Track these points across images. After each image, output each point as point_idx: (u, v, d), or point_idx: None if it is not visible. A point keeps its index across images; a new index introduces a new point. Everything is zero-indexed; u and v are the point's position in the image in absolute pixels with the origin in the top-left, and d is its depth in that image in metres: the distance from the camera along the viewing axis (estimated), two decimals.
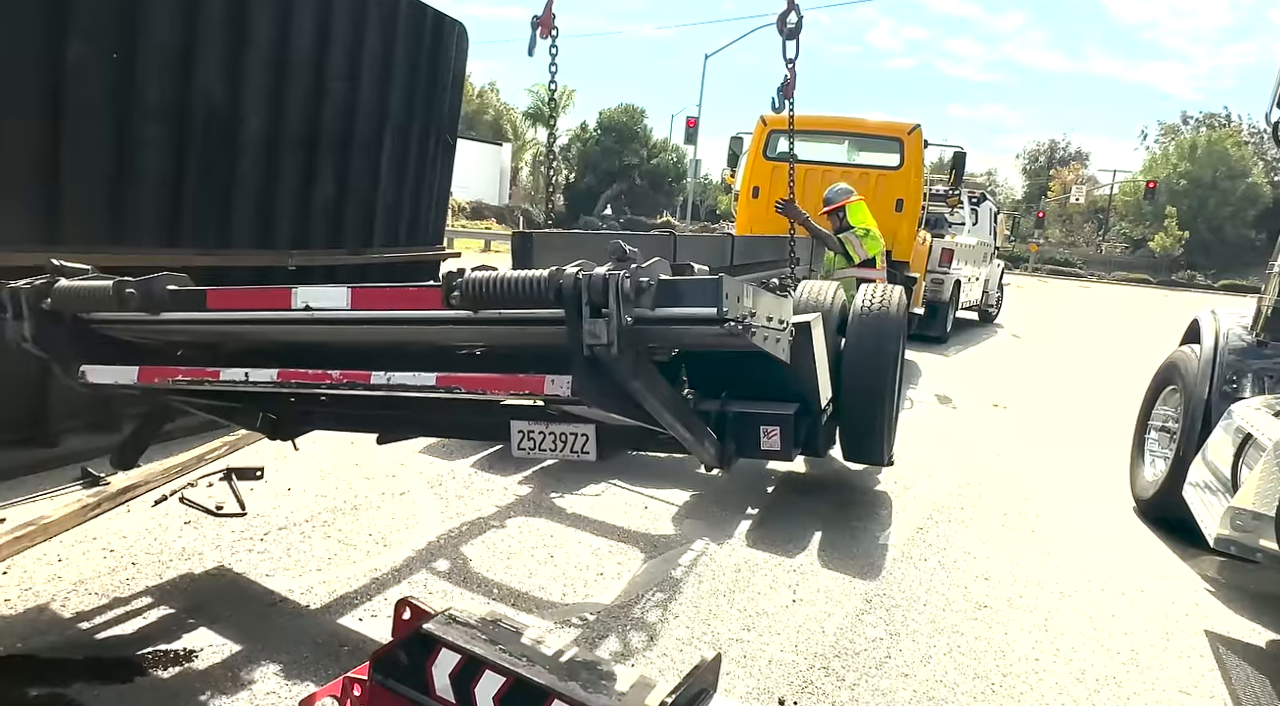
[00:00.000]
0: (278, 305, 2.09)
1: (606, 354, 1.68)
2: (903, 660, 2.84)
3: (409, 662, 2.16)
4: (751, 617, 3.06)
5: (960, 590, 3.47)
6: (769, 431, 2.52)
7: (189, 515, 3.44)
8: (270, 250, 4.83)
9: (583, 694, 1.92)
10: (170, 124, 4.09)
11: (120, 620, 2.60)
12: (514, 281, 1.76)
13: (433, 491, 4.03)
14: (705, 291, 1.68)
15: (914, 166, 9.03)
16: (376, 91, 5.40)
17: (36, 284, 2.22)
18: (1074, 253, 52.69)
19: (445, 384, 1.98)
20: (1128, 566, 3.92)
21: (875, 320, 4.18)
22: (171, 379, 2.25)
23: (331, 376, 2.09)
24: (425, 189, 6.18)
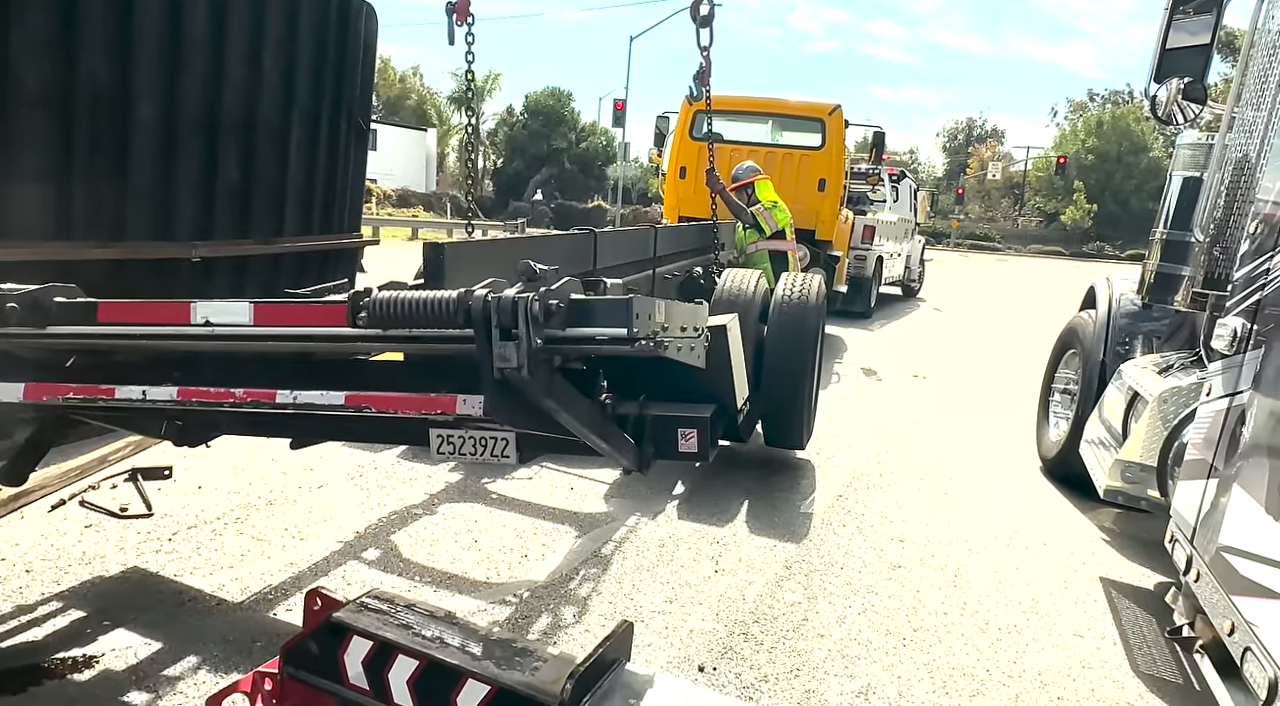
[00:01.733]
0: (175, 319, 2.01)
1: (516, 376, 1.68)
2: (819, 622, 2.93)
3: (320, 652, 2.13)
4: (674, 589, 3.11)
5: (876, 552, 3.59)
6: (686, 434, 2.54)
7: (90, 519, 3.30)
8: (171, 241, 4.62)
9: (495, 671, 1.93)
10: (51, 110, 3.86)
11: (14, 630, 2.48)
12: (422, 302, 1.74)
13: (353, 483, 3.96)
14: (616, 311, 1.68)
15: (835, 146, 9.20)
16: (280, 73, 5.20)
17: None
18: (993, 227, 54.61)
19: (355, 403, 1.94)
20: (1032, 522, 4.12)
21: (796, 309, 4.27)
22: (62, 397, 2.14)
23: (235, 395, 2.02)
24: (339, 173, 5.98)
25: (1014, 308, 16.18)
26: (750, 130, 10.16)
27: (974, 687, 2.57)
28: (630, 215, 38.62)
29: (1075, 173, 48.56)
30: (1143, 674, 2.74)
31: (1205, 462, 2.36)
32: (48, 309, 2.06)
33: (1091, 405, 4.36)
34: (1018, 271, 29.99)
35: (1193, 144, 3.83)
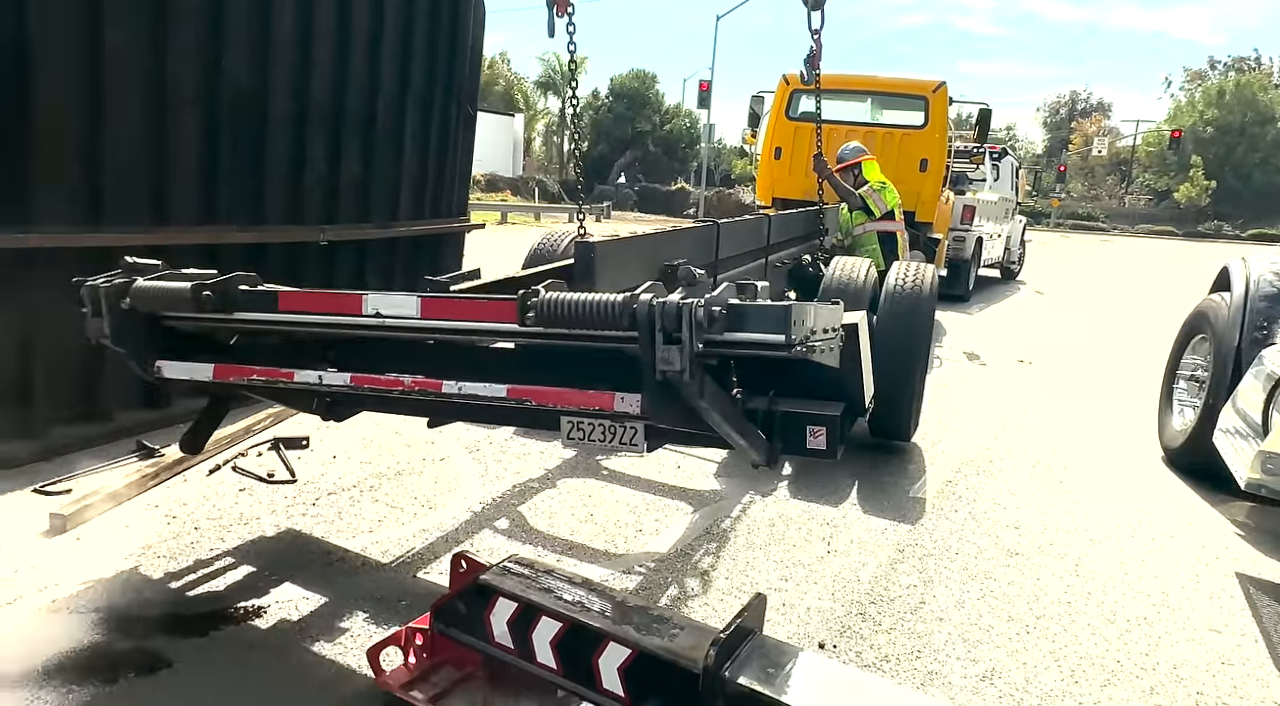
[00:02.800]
0: (348, 310, 2.17)
1: (678, 378, 1.74)
2: (937, 605, 2.92)
3: (468, 612, 2.27)
4: (788, 568, 3.16)
5: (991, 539, 3.54)
6: (815, 431, 2.55)
7: (242, 483, 3.57)
8: (301, 226, 4.91)
9: (635, 635, 2.03)
10: (202, 106, 4.15)
11: (191, 582, 2.73)
12: (589, 304, 1.84)
13: (471, 456, 4.15)
14: (774, 318, 1.74)
15: (939, 125, 8.92)
16: (397, 65, 5.43)
17: (115, 283, 2.29)
18: (1097, 206, 51.75)
19: (516, 396, 2.06)
20: (1157, 513, 3.97)
21: (908, 299, 4.20)
22: (246, 378, 2.34)
23: (404, 383, 2.17)
24: (448, 161, 6.22)
25: (1122, 291, 15.38)
26: (848, 109, 9.94)
27: (1104, 678, 2.52)
28: (714, 197, 38.38)
29: (1191, 147, 45.42)
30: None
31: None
32: (234, 296, 2.24)
33: (1225, 393, 4.15)
34: (1125, 252, 28.41)
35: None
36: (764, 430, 2.68)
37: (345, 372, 2.24)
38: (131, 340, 2.35)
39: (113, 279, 2.32)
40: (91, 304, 2.31)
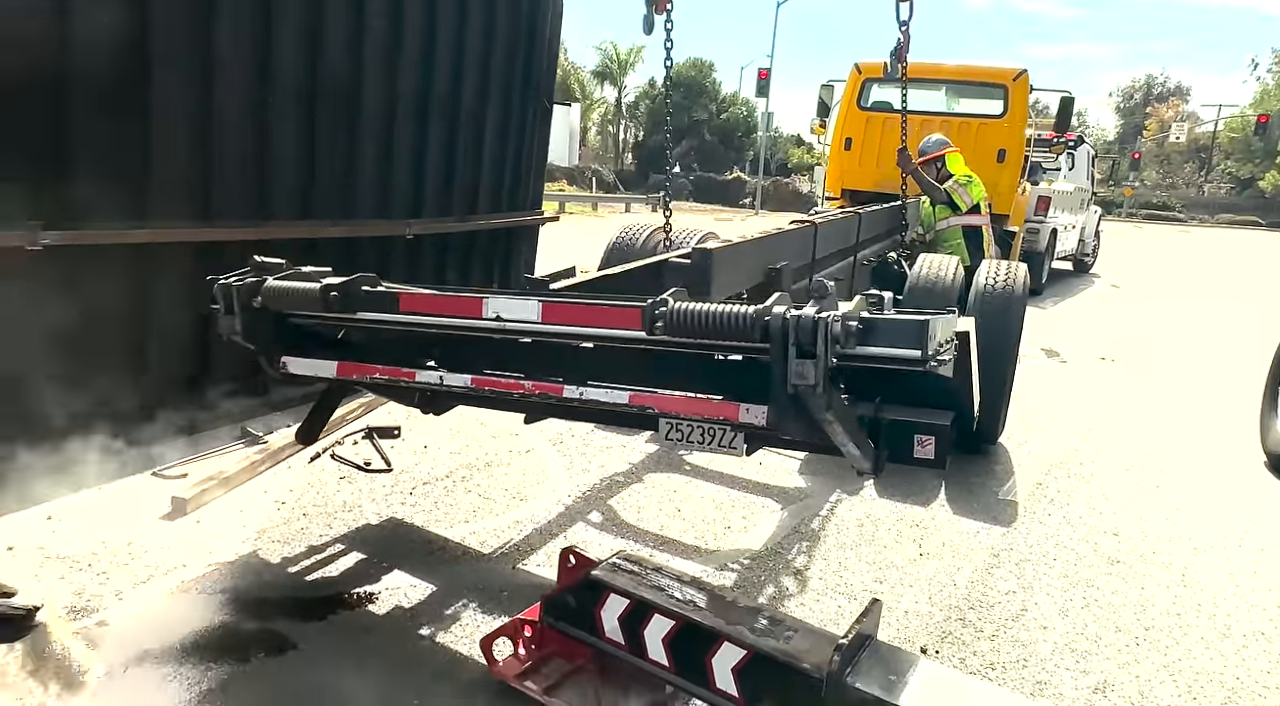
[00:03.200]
0: (468, 313, 2.20)
1: (809, 392, 1.73)
2: (1039, 613, 2.87)
3: (578, 606, 2.32)
4: (881, 570, 3.13)
5: (1089, 545, 3.45)
6: (923, 440, 2.49)
7: (342, 471, 3.69)
8: (389, 220, 5.02)
9: (751, 637, 2.04)
10: (302, 101, 4.27)
11: (307, 567, 2.84)
12: (720, 315, 1.83)
13: (556, 449, 4.21)
14: (909, 332, 1.72)
15: (1019, 114, 8.67)
16: (480, 58, 5.49)
17: (247, 282, 2.37)
18: (1173, 195, 49.59)
19: (638, 403, 2.07)
20: (1265, 522, 3.82)
21: (1000, 300, 4.09)
22: (369, 376, 2.41)
23: (525, 386, 2.20)
24: (525, 154, 6.28)
25: (1204, 285, 14.73)
26: (923, 98, 9.72)
27: (1225, 696, 2.45)
28: (770, 187, 37.96)
29: (1279, 132, 43.08)
30: None
31: None
32: (358, 297, 2.31)
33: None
34: (1205, 244, 27.20)
35: None
36: (870, 437, 2.65)
37: (465, 374, 2.29)
38: (260, 337, 2.44)
39: (244, 278, 2.41)
40: (224, 302, 2.40)
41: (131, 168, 3.55)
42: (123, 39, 3.43)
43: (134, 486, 3.35)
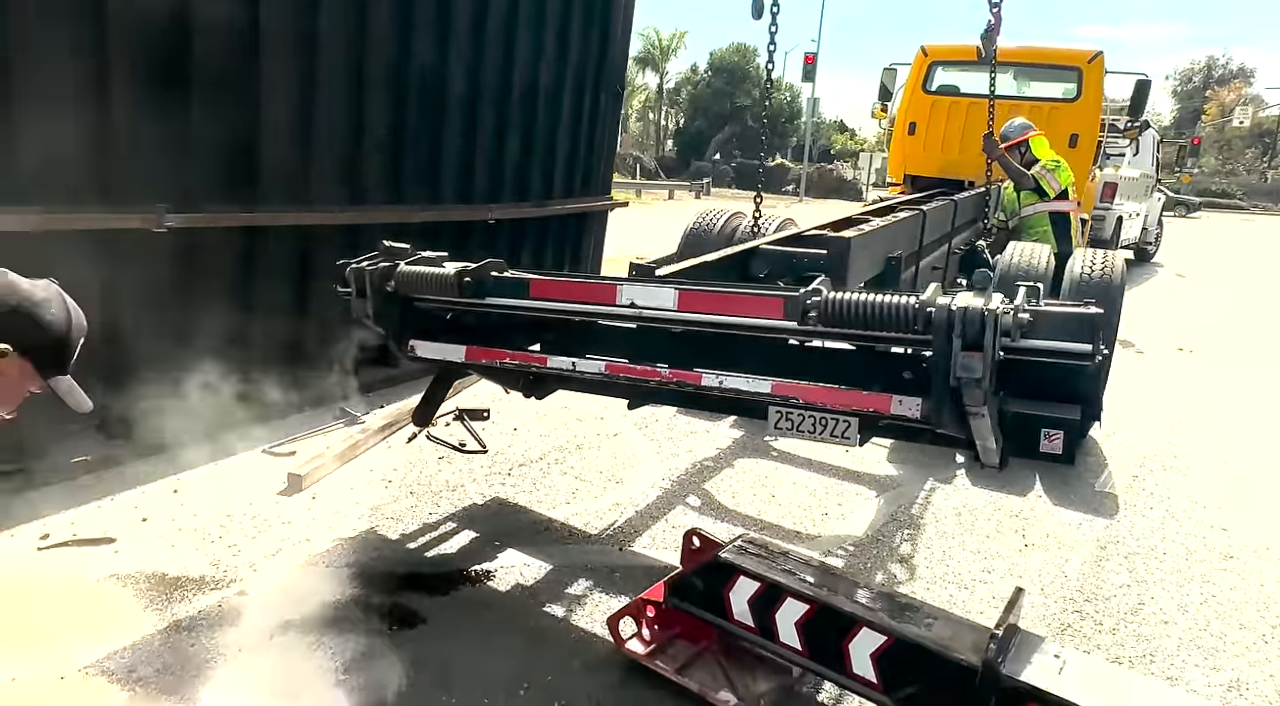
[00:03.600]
0: (601, 299, 2.20)
1: (972, 385, 1.70)
2: (1158, 608, 2.82)
3: (705, 588, 2.34)
4: (988, 560, 3.10)
5: (1198, 540, 3.38)
6: (1051, 435, 2.44)
7: (439, 451, 3.76)
8: (469, 205, 5.07)
9: (891, 622, 2.03)
10: (391, 90, 4.33)
11: (424, 544, 2.91)
12: (879, 306, 1.80)
13: (642, 433, 4.23)
14: (1080, 326, 1.68)
15: (1093, 98, 8.41)
16: (557, 45, 5.50)
17: (380, 267, 2.41)
18: (1233, 182, 47.88)
19: (781, 393, 2.05)
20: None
21: (1098, 289, 3.98)
22: (499, 361, 2.44)
23: (661, 374, 2.20)
24: (597, 140, 6.29)
25: (1270, 275, 14.24)
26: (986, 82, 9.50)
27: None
28: (815, 174, 37.49)
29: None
30: None
31: None
32: (488, 282, 2.33)
33: None
34: (1269, 233, 26.24)
35: None
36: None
37: (599, 361, 2.30)
38: (390, 320, 2.48)
39: (376, 262, 2.45)
40: (357, 285, 2.44)
41: (243, 155, 3.64)
42: (235, 29, 3.51)
43: (246, 462, 3.45)
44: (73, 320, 1.45)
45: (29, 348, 1.37)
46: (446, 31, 4.57)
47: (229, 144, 3.53)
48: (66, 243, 2.84)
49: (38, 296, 1.39)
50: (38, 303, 1.39)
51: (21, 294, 1.37)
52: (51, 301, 1.41)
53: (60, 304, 1.43)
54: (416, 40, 4.39)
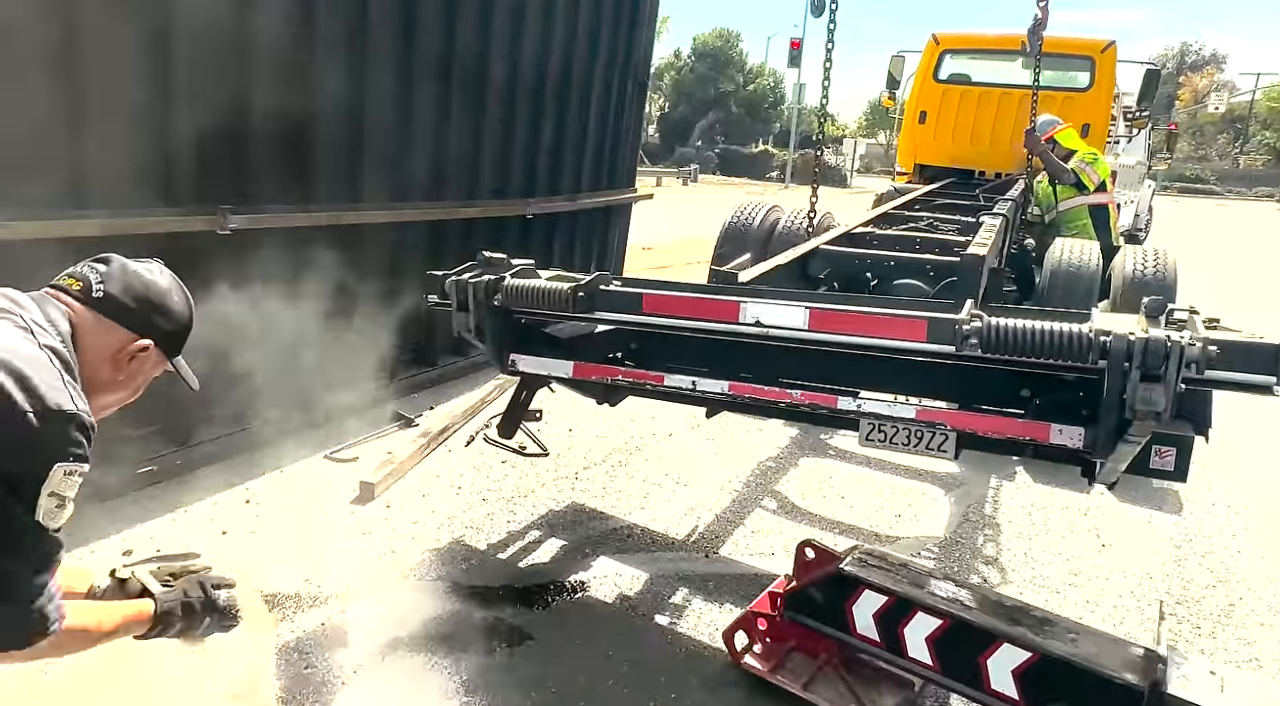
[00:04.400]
0: (723, 317, 2.11)
1: (1150, 418, 1.63)
2: (1250, 609, 2.83)
3: (825, 601, 2.29)
4: (1070, 562, 3.10)
5: (1268, 535, 3.40)
6: (1163, 451, 2.40)
7: (500, 455, 3.68)
8: (505, 200, 4.95)
9: (1035, 639, 2.00)
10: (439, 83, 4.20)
11: (514, 554, 2.84)
12: (1048, 334, 1.74)
13: (695, 432, 4.18)
14: (1266, 358, 1.64)
15: (1105, 88, 8.43)
16: (590, 36, 5.39)
17: (486, 280, 2.30)
18: (1206, 167, 48.63)
19: (926, 418, 1.99)
20: None
21: (1154, 287, 3.97)
22: (610, 378, 2.36)
23: (792, 396, 2.13)
24: (624, 131, 6.19)
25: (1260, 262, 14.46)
26: (1000, 70, 9.49)
27: None
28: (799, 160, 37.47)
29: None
30: None
31: None
32: (600, 296, 2.24)
33: None
34: (1246, 219, 26.68)
35: None
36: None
37: (722, 380, 2.23)
38: (493, 335, 2.39)
39: (479, 274, 2.35)
40: (459, 299, 2.34)
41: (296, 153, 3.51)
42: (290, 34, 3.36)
43: (310, 469, 3.35)
44: (190, 303, 1.42)
45: (161, 336, 1.35)
46: (488, 23, 4.44)
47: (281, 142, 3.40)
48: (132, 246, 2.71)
49: (163, 284, 1.37)
50: (165, 291, 1.36)
51: (149, 285, 1.35)
52: (173, 289, 1.39)
53: (178, 289, 1.40)
54: (460, 31, 4.26)
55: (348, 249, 3.94)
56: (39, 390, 1.11)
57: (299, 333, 3.70)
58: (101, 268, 1.33)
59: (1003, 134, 8.59)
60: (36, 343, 1.17)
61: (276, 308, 3.53)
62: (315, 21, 3.41)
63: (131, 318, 1.31)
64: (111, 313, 1.30)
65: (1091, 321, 1.77)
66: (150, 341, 1.33)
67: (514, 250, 5.02)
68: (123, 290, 1.31)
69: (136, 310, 1.32)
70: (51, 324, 1.23)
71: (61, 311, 1.26)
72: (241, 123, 3.18)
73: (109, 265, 1.33)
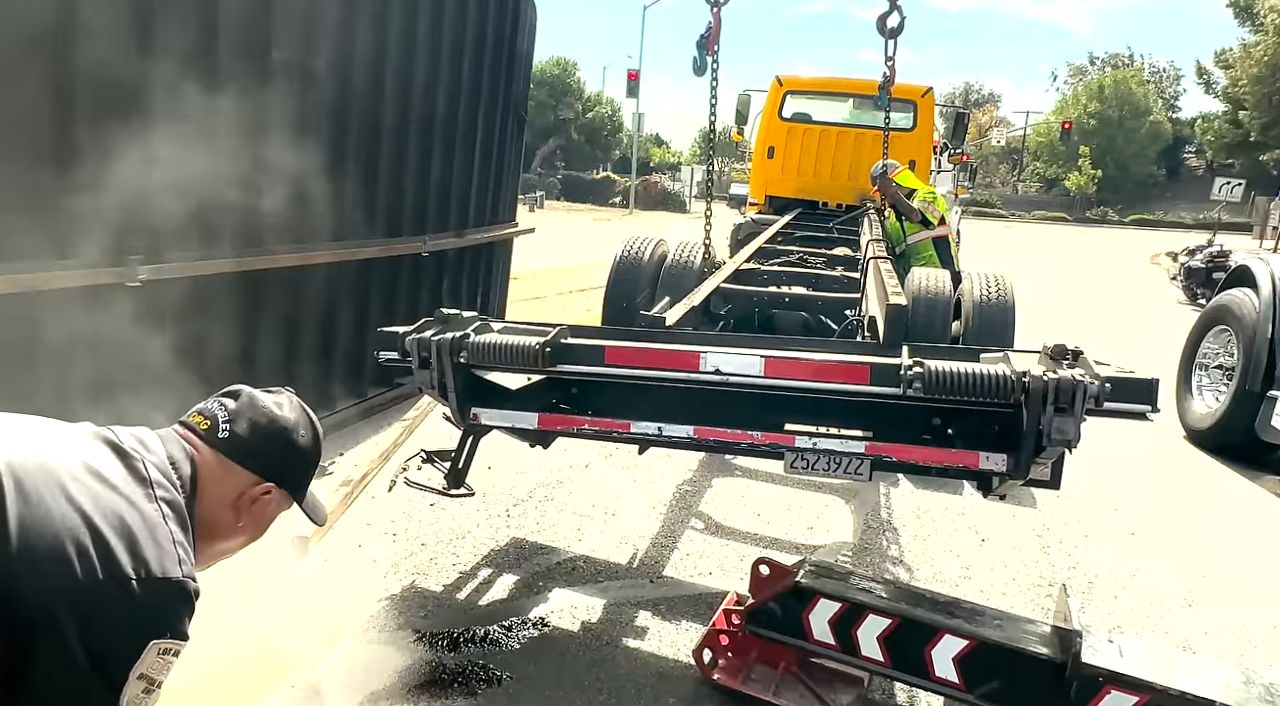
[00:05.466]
0: (684, 366, 2.27)
1: (1063, 445, 1.97)
2: (1104, 585, 3.34)
3: (784, 613, 2.50)
4: (959, 557, 3.51)
5: (1102, 518, 4.01)
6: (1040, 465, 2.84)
7: (427, 497, 3.62)
8: (401, 239, 4.90)
9: (969, 627, 2.31)
10: (336, 128, 4.13)
11: (469, 595, 2.85)
12: (981, 377, 2.04)
13: (610, 462, 4.32)
14: (1145, 391, 2.03)
15: (926, 127, 9.49)
16: (472, 74, 5.45)
17: (451, 338, 2.32)
18: (992, 194, 54.92)
19: (874, 452, 2.26)
20: (1216, 493, 4.55)
21: (997, 310, 4.55)
22: (575, 427, 2.46)
23: (753, 437, 2.32)
24: (506, 167, 6.27)
25: (1046, 275, 16.59)
26: (834, 110, 10.41)
27: None
28: (641, 186, 38.68)
29: (1079, 137, 48.71)
30: None
31: None
32: (564, 350, 2.36)
33: (1261, 379, 4.78)
34: (1027, 238, 30.40)
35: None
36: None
37: (687, 425, 2.38)
38: (456, 390, 2.43)
39: (442, 332, 2.38)
40: (421, 358, 2.36)
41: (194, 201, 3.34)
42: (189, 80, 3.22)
43: None
44: (318, 436, 1.38)
45: (285, 477, 1.33)
46: (380, 69, 4.42)
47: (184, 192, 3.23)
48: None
49: (290, 420, 1.33)
50: (292, 427, 1.33)
51: (276, 421, 1.31)
52: (300, 423, 1.35)
53: (307, 422, 1.37)
54: (356, 79, 4.22)
55: (251, 294, 3.78)
56: (145, 552, 1.04)
57: (205, 382, 3.51)
58: (231, 403, 1.29)
59: (841, 168, 9.45)
60: (154, 495, 1.12)
61: (181, 356, 3.34)
62: (216, 69, 3.29)
63: (256, 460, 1.28)
64: (237, 455, 1.26)
65: (1011, 364, 2.10)
66: (274, 484, 1.30)
67: (411, 287, 5.03)
68: (249, 429, 1.27)
69: (262, 451, 1.28)
70: (175, 467, 1.18)
71: (186, 452, 1.22)
72: (142, 170, 3.00)
73: (237, 401, 1.30)
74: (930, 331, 3.96)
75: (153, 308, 3.09)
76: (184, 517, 1.15)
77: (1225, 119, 28.77)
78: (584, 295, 10.26)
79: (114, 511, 1.05)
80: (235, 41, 3.39)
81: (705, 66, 4.05)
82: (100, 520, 1.03)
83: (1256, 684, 2.05)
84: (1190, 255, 14.09)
